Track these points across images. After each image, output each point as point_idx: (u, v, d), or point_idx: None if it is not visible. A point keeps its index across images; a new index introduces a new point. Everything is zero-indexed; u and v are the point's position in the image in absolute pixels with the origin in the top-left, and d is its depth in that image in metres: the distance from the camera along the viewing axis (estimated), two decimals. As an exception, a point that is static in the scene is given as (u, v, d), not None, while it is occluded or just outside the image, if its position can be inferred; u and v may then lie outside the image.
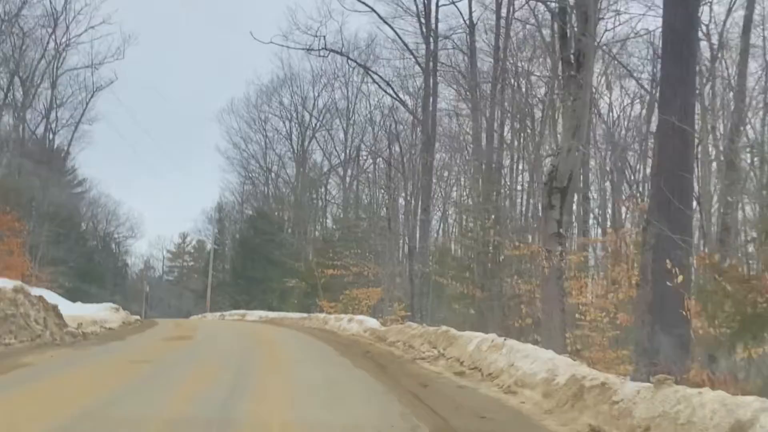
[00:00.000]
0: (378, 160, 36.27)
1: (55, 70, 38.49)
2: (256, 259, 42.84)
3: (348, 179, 41.11)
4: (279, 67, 49.09)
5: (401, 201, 30.95)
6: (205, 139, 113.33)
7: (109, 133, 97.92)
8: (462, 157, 29.87)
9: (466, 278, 21.12)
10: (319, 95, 44.45)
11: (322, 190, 44.42)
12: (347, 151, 41.56)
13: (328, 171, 44.71)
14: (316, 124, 45.22)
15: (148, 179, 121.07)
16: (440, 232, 34.78)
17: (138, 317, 29.90)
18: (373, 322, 18.45)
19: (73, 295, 52.98)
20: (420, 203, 24.71)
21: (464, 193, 29.50)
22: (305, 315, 27.77)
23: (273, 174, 49.04)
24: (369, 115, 38.72)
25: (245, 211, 51.26)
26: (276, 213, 46.84)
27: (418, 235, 25.72)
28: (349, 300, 29.37)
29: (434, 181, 28.03)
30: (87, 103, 41.67)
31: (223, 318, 39.70)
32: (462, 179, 30.85)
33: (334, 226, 38.46)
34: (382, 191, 34.56)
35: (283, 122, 46.50)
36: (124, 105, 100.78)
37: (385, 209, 32.09)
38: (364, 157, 39.52)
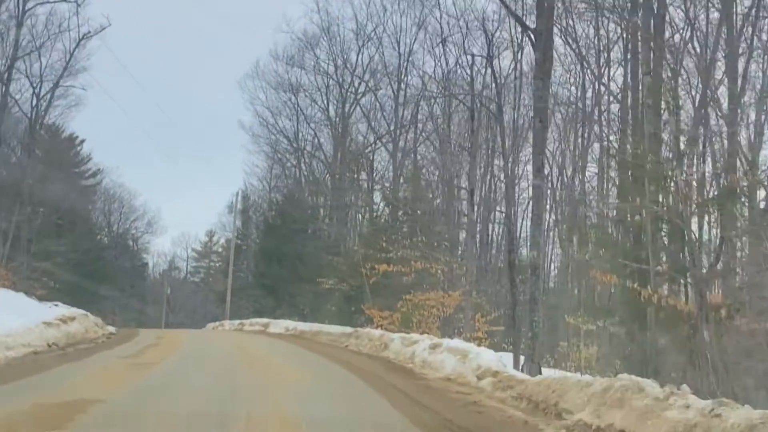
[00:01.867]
0: (439, 126, 27.23)
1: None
2: (285, 255, 34.12)
3: (401, 153, 32.18)
4: (314, 11, 40.10)
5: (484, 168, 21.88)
6: (228, 114, 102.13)
7: (117, 115, 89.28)
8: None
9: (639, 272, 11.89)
10: (363, 47, 35.58)
11: (367, 167, 35.50)
12: (400, 114, 32.64)
13: (374, 142, 35.80)
14: (360, 87, 36.45)
15: (163, 165, 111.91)
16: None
17: (112, 329, 21.42)
18: (489, 358, 9.35)
19: (72, 295, 45.25)
20: (532, 162, 15.62)
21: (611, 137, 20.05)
22: (349, 330, 18.85)
23: (306, 152, 40.42)
24: (431, 73, 29.70)
25: (273, 198, 42.65)
26: (309, 198, 38.04)
27: (526, 212, 16.55)
28: (413, 308, 20.43)
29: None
30: (71, 54, 33.37)
31: (242, 328, 31.08)
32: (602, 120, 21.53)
33: (385, 208, 29.39)
34: (448, 162, 25.46)
35: (319, 89, 37.91)
36: (131, 76, 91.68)
37: (465, 179, 23.01)
38: (426, 116, 30.50)
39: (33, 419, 5.34)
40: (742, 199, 11.81)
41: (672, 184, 11.71)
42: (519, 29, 19.87)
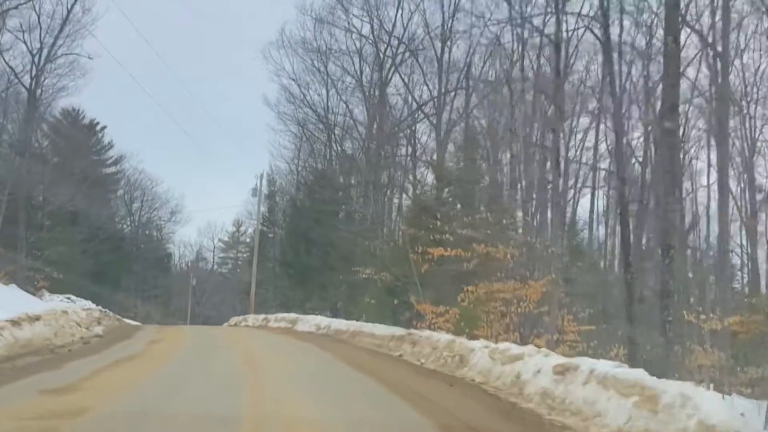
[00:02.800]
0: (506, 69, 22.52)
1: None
2: (314, 241, 29.82)
3: (448, 120, 27.59)
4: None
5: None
6: (252, 93, 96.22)
7: (133, 95, 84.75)
8: None
9: None
10: (403, 2, 31.03)
11: (408, 139, 30.96)
12: (446, 78, 28.03)
13: (416, 111, 31.20)
14: (399, 50, 31.87)
15: (185, 150, 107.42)
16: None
17: (99, 331, 17.36)
18: (714, 409, 4.74)
19: (90, 288, 41.65)
20: (661, 98, 10.90)
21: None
22: (399, 332, 14.39)
23: (337, 128, 36.04)
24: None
25: (301, 180, 38.30)
26: (341, 178, 33.65)
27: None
28: (476, 302, 15.95)
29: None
30: (69, 11, 29.41)
31: (266, 324, 26.93)
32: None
33: (433, 183, 24.79)
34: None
35: (351, 54, 33.44)
36: (148, 43, 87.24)
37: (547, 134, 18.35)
38: (481, 72, 25.83)
39: None
40: None
41: None
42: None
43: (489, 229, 16.49)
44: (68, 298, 37.68)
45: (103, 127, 61.61)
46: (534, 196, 19.00)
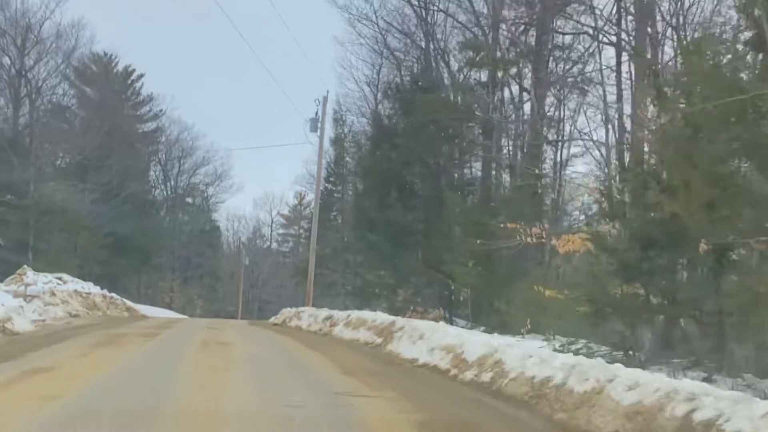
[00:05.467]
0: None
1: None
2: (410, 190, 17.66)
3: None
4: None
5: None
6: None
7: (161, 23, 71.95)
8: None
9: None
10: None
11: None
12: None
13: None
14: None
15: (230, 92, 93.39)
16: None
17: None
18: None
19: (111, 264, 31.47)
20: None
21: None
22: None
23: (437, 38, 23.87)
24: None
25: (383, 111, 26.12)
26: (452, 97, 21.19)
27: None
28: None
29: None
30: None
31: (330, 329, 15.09)
32: None
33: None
34: None
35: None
36: None
37: None
38: None
39: None
40: None
41: None
42: None
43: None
44: (59, 279, 28.16)
45: (140, 75, 51.47)
46: None
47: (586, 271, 10.24)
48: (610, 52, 16.59)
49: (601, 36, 16.55)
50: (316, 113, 24.99)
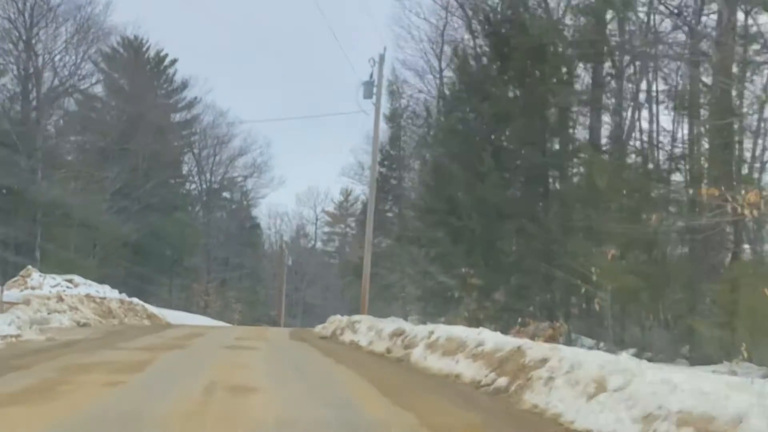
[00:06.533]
0: None
1: None
2: (505, 155, 12.53)
3: None
4: None
5: None
6: None
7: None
8: None
9: None
10: None
11: None
12: None
13: None
14: None
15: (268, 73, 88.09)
16: None
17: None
18: None
19: (139, 265, 26.97)
20: None
21: None
22: None
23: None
24: None
25: (450, 79, 21.06)
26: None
27: None
28: None
29: None
30: None
31: (407, 353, 10.18)
32: None
33: None
34: None
35: None
36: None
37: None
38: None
39: None
40: None
41: None
42: None
43: None
44: (69, 281, 24.64)
45: (174, 61, 47.46)
46: None
47: None
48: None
49: None
50: (371, 75, 20.34)
